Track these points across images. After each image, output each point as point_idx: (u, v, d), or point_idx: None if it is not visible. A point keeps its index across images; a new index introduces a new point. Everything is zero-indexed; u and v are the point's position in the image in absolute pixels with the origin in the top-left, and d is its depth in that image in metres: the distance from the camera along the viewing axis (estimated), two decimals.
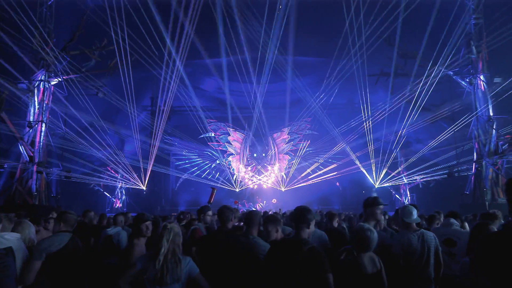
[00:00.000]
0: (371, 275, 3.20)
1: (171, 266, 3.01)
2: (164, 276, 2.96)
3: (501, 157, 15.24)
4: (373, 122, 20.30)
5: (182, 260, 3.10)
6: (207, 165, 27.41)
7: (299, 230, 3.14)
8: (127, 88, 17.46)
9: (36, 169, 14.55)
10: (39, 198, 14.82)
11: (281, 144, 27.33)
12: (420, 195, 22.75)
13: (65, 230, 3.75)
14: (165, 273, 2.96)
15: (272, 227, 3.54)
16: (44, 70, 15.26)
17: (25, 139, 14.80)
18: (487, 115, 15.95)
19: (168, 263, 3.01)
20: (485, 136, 15.79)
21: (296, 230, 3.17)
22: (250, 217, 3.65)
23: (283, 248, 3.08)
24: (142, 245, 3.96)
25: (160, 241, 3.06)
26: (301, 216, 3.17)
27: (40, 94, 15.27)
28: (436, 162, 18.74)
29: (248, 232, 3.58)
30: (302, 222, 3.15)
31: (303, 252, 2.91)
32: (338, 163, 24.87)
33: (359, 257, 3.24)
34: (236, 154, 27.40)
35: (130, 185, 23.19)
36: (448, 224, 4.86)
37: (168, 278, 2.97)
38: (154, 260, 3.02)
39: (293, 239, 3.12)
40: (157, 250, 3.05)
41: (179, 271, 3.03)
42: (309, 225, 3.17)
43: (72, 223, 3.80)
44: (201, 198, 26.57)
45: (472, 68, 16.35)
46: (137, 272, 3.06)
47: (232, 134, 27.26)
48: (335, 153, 24.51)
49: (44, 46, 14.91)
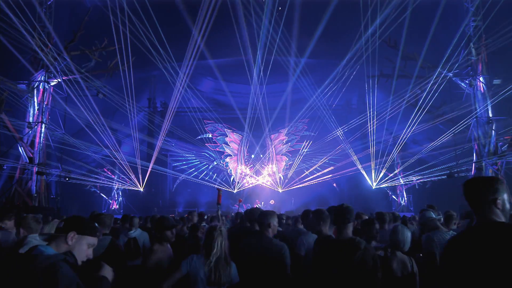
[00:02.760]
0: (400, 278, 3.22)
1: (224, 268, 3.09)
2: (218, 277, 3.03)
3: (501, 158, 15.43)
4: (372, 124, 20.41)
5: (230, 263, 3.18)
6: (204, 166, 27.35)
7: (344, 229, 3.14)
8: (127, 88, 17.34)
9: (37, 170, 14.37)
10: (38, 200, 14.65)
11: (279, 145, 27.36)
12: (417, 196, 22.92)
13: (104, 233, 3.69)
14: (218, 274, 3.03)
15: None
16: (44, 71, 15.09)
17: (24, 140, 14.62)
18: (486, 117, 16.14)
19: (220, 265, 3.07)
20: (484, 137, 15.97)
21: (339, 229, 3.17)
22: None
23: (337, 246, 3.07)
24: (164, 251, 3.80)
25: (212, 243, 3.11)
26: (346, 214, 3.17)
27: (39, 95, 15.11)
28: (433, 163, 18.85)
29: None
30: (347, 221, 3.15)
31: (360, 251, 2.93)
32: (337, 164, 24.96)
33: (392, 256, 3.26)
34: (234, 155, 27.37)
35: (127, 187, 23.03)
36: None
37: (223, 278, 3.05)
38: (205, 262, 3.09)
39: (346, 238, 3.11)
40: (208, 252, 3.11)
41: (229, 274, 3.10)
42: (352, 224, 3.18)
43: (108, 224, 3.75)
44: (198, 199, 26.53)
45: (472, 70, 16.53)
46: (182, 275, 3.09)
47: (230, 135, 27.25)
48: (334, 155, 24.60)
49: (43, 46, 14.75)
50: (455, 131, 16.55)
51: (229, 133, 27.22)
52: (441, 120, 16.83)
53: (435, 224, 4.32)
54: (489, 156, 15.61)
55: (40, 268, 1.77)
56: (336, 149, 23.48)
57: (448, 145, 17.46)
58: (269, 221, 3.58)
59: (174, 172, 26.64)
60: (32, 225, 3.77)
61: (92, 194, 23.27)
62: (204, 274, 3.04)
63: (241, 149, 27.30)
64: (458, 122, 16.55)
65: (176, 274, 3.09)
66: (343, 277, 2.92)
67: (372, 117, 19.17)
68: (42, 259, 1.82)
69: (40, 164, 14.61)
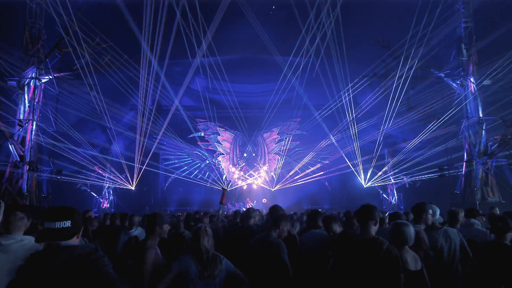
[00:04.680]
0: (414, 272, 3.26)
1: (215, 262, 3.26)
2: (211, 271, 3.21)
3: (491, 158, 15.68)
4: (361, 123, 20.60)
5: (218, 257, 3.34)
6: (196, 165, 27.25)
7: (367, 228, 3.16)
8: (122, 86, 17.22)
9: (29, 169, 14.18)
10: (29, 199, 14.45)
11: (271, 144, 27.38)
12: (407, 195, 23.17)
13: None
14: (211, 269, 3.21)
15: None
16: (35, 68, 14.88)
17: (15, 138, 14.41)
18: (477, 117, 16.38)
19: (211, 260, 3.26)
20: (475, 137, 16.22)
21: (363, 227, 3.19)
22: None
23: (359, 245, 3.09)
24: (156, 248, 3.61)
25: (199, 241, 3.30)
26: (369, 213, 3.19)
27: (30, 92, 14.89)
28: (423, 162, 19.07)
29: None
30: (371, 219, 3.17)
31: (382, 251, 2.94)
32: (324, 162, 25.11)
33: (403, 251, 3.29)
34: (226, 154, 27.33)
35: (118, 185, 22.85)
36: (469, 225, 4.84)
37: (215, 272, 3.22)
38: (195, 259, 3.25)
39: (368, 238, 3.13)
40: (197, 251, 3.28)
41: (222, 265, 3.29)
42: (376, 222, 3.20)
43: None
44: (190, 198, 26.44)
45: (463, 70, 16.74)
46: (174, 276, 3.15)
47: (222, 133, 27.19)
48: (324, 153, 24.74)
49: (34, 43, 14.56)
50: (441, 128, 16.76)
51: (222, 132, 27.17)
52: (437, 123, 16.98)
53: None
54: (479, 155, 15.85)
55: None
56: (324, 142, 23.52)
57: (439, 144, 17.69)
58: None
59: (166, 170, 26.48)
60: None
61: (82, 192, 23.01)
62: (194, 270, 3.17)
63: (233, 148, 27.26)
64: (448, 122, 16.77)
65: (168, 275, 3.15)
66: (363, 276, 2.95)
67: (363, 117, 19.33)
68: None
69: (31, 162, 14.41)
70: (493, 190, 15.65)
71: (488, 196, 15.46)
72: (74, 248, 1.97)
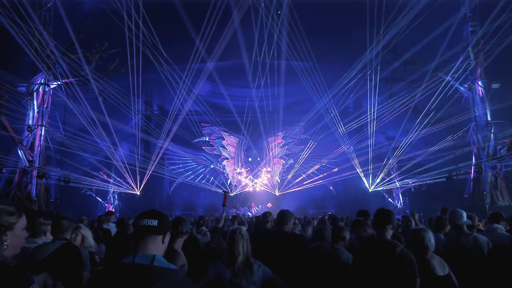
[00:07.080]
0: (442, 277, 3.26)
1: (245, 271, 3.09)
2: (240, 281, 3.04)
3: (500, 161, 15.66)
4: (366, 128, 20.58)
5: (253, 264, 3.17)
6: (201, 169, 27.27)
7: (383, 231, 3.18)
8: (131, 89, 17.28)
9: (38, 174, 14.19)
10: (38, 204, 14.46)
11: (276, 148, 27.40)
12: (412, 199, 23.13)
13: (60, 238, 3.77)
14: (239, 277, 3.05)
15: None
16: (44, 74, 14.94)
17: (24, 143, 14.44)
18: (485, 120, 16.38)
19: (242, 268, 3.10)
20: (483, 140, 16.20)
21: (379, 231, 3.22)
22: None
23: (374, 248, 3.12)
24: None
25: (235, 247, 3.14)
26: (386, 217, 3.21)
27: (39, 98, 14.94)
28: (429, 166, 19.02)
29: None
30: (387, 223, 3.19)
31: (397, 254, 2.95)
32: (334, 169, 25.05)
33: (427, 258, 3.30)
34: (231, 158, 27.34)
35: (123, 190, 22.85)
36: (492, 230, 4.74)
37: (244, 282, 3.05)
38: (229, 266, 3.11)
39: (383, 240, 3.16)
40: (232, 256, 3.13)
41: (253, 275, 3.10)
42: (393, 226, 3.22)
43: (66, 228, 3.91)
44: (195, 202, 26.43)
45: (471, 74, 16.74)
46: (209, 280, 3.09)
47: (227, 138, 27.22)
48: (331, 159, 24.70)
49: (43, 49, 14.60)
50: (453, 135, 16.74)
51: (226, 136, 27.21)
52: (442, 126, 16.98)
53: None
54: (488, 159, 15.84)
55: None
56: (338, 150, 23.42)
57: (446, 148, 17.66)
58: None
59: (171, 174, 26.47)
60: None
61: (88, 197, 23.02)
62: (228, 275, 3.07)
63: (238, 152, 27.28)
64: (456, 126, 16.77)
65: (203, 278, 3.10)
66: (378, 278, 2.99)
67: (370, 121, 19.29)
68: None
69: (40, 167, 14.43)
70: (503, 194, 15.62)
71: (498, 200, 15.43)
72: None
